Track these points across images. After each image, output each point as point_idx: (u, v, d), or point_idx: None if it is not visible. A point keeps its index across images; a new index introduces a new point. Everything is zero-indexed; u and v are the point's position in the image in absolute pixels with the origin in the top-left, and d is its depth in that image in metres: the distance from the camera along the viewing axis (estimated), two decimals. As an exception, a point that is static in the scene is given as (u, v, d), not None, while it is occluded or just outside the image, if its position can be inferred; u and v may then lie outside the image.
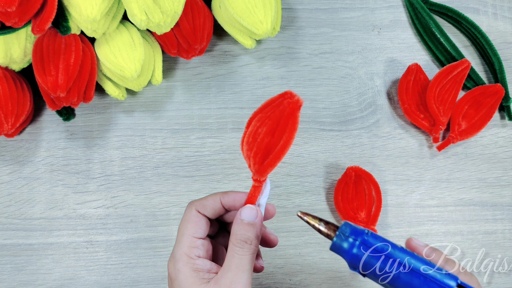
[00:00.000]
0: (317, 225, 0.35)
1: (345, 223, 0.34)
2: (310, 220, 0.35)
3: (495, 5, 0.65)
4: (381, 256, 0.32)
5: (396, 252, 0.32)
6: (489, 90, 0.60)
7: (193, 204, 0.38)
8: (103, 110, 0.60)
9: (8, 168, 0.57)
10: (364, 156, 0.59)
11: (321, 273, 0.56)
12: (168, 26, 0.52)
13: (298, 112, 0.33)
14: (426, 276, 0.31)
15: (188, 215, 0.38)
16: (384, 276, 0.32)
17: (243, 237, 0.36)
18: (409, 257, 0.32)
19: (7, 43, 0.53)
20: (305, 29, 0.63)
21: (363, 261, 0.32)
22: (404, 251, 0.33)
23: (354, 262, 0.33)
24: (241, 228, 0.36)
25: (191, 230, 0.37)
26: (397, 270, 0.32)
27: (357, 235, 0.33)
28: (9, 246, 0.55)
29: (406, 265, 0.32)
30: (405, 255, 0.32)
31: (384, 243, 0.33)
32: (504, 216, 0.59)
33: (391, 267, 0.32)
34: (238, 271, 0.35)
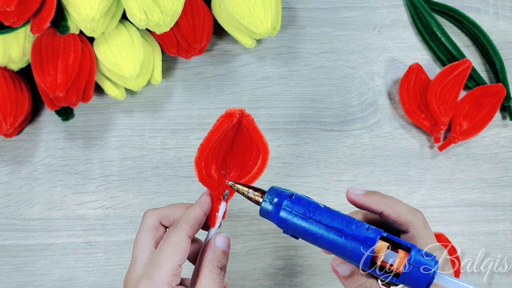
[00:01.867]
0: (246, 192, 0.36)
1: (271, 188, 0.35)
2: (240, 188, 0.36)
3: (496, 4, 0.65)
4: (305, 219, 0.33)
5: (320, 213, 0.33)
6: (491, 90, 0.59)
7: (181, 227, 0.36)
8: (102, 110, 0.59)
9: (6, 168, 0.57)
10: (365, 157, 0.59)
11: (322, 274, 0.56)
12: (167, 25, 0.51)
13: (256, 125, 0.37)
14: (347, 234, 0.32)
15: (175, 239, 0.35)
16: (310, 237, 0.33)
17: (220, 264, 0.36)
18: (332, 217, 0.33)
19: (6, 42, 0.53)
20: (305, 28, 0.63)
21: (289, 223, 0.33)
22: (328, 211, 0.33)
23: (282, 225, 0.34)
24: (217, 255, 0.37)
25: (177, 256, 0.35)
26: (321, 230, 0.32)
27: (281, 199, 0.34)
28: (7, 246, 0.55)
29: (329, 224, 0.32)
30: (328, 216, 0.33)
31: (309, 204, 0.34)
32: (505, 216, 0.58)
33: (315, 229, 0.33)
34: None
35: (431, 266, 0.31)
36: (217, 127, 0.36)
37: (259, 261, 0.56)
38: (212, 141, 0.36)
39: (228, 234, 0.39)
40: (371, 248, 0.31)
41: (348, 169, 0.59)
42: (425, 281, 0.30)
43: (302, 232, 0.33)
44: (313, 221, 0.33)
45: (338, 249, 0.32)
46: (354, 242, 0.32)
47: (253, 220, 0.57)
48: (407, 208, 0.37)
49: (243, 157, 0.39)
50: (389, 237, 0.32)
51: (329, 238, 0.32)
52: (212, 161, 0.39)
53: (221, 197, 0.38)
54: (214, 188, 0.38)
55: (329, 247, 0.33)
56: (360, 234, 0.32)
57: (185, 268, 0.38)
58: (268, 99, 0.60)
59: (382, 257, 0.31)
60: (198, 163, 0.37)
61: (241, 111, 0.37)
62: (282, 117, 0.60)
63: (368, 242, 0.31)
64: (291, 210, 0.33)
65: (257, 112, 0.60)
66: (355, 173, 0.58)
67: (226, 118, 0.36)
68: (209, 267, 0.36)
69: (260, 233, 0.56)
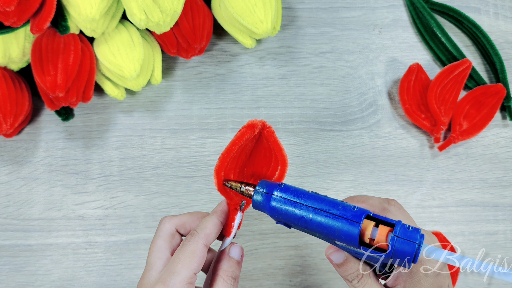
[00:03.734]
0: (239, 188, 0.37)
1: (261, 181, 0.37)
2: (233, 184, 0.37)
3: (496, 4, 0.65)
4: (294, 204, 0.34)
5: (309, 198, 0.35)
6: (491, 90, 0.59)
7: (198, 236, 0.36)
8: (102, 110, 0.59)
9: (6, 168, 0.57)
10: (365, 157, 0.59)
11: (322, 274, 0.56)
12: (167, 25, 0.51)
13: (277, 137, 0.38)
14: (335, 214, 0.33)
15: (193, 247, 0.36)
16: (301, 221, 0.34)
17: (234, 274, 0.37)
18: (320, 200, 0.34)
19: (6, 42, 0.53)
20: (305, 28, 0.63)
21: (280, 211, 0.35)
22: (316, 196, 0.35)
23: (274, 213, 0.35)
24: (231, 265, 0.37)
25: (194, 264, 0.35)
26: (310, 212, 0.34)
27: (271, 189, 0.35)
28: (7, 246, 0.55)
29: (317, 207, 0.34)
30: (316, 200, 0.34)
31: (298, 191, 0.35)
32: (505, 216, 0.58)
33: (304, 212, 0.34)
34: None
35: (416, 238, 0.31)
36: (239, 137, 0.37)
37: (259, 261, 0.56)
38: (233, 151, 0.37)
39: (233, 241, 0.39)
40: (359, 224, 0.32)
41: (348, 169, 0.59)
42: (411, 253, 0.31)
43: (293, 218, 0.34)
44: (302, 205, 0.34)
45: (327, 229, 0.33)
46: (342, 221, 0.33)
47: (253, 220, 0.57)
48: (379, 199, 0.39)
49: (261, 168, 0.40)
50: (374, 216, 0.33)
51: (318, 220, 0.34)
52: (230, 171, 0.39)
53: (237, 207, 0.39)
54: (231, 198, 0.38)
55: (318, 229, 0.34)
56: (347, 213, 0.33)
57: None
58: (268, 99, 0.60)
59: (368, 234, 0.32)
60: (218, 173, 0.37)
61: (262, 122, 0.37)
62: (282, 117, 0.60)
63: (355, 219, 0.33)
64: (280, 198, 0.35)
65: (257, 112, 0.60)
66: (355, 173, 0.58)
67: (248, 129, 0.36)
68: (223, 277, 0.36)
69: (259, 233, 0.56)
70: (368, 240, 0.33)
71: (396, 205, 0.38)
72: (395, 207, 0.38)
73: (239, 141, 0.36)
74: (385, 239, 0.32)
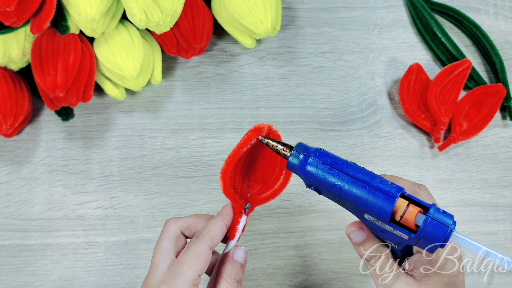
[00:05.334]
0: (275, 146, 0.37)
1: (299, 143, 0.36)
2: (269, 142, 0.37)
3: (496, 4, 0.65)
4: (331, 170, 0.34)
5: (347, 166, 0.34)
6: (491, 90, 0.59)
7: (203, 238, 0.37)
8: (102, 110, 0.59)
9: (6, 168, 0.57)
10: (365, 157, 0.59)
11: (322, 274, 0.56)
12: (167, 25, 0.51)
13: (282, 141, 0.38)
14: (372, 185, 0.33)
15: (198, 249, 0.36)
16: (334, 188, 0.33)
17: (237, 277, 0.37)
18: (358, 170, 0.34)
19: (6, 42, 0.53)
20: (305, 28, 0.63)
21: (316, 175, 0.34)
22: (353, 165, 0.34)
23: (308, 177, 0.35)
24: (235, 268, 0.37)
25: (198, 266, 0.35)
26: (346, 180, 0.33)
27: (309, 152, 0.35)
28: (7, 246, 0.55)
29: (355, 176, 0.33)
30: (354, 168, 0.34)
31: (336, 158, 0.35)
32: (505, 216, 0.58)
33: (340, 179, 0.33)
34: None
35: (449, 223, 0.31)
36: (246, 140, 0.37)
37: (259, 261, 0.56)
38: (240, 154, 0.37)
39: None
40: (394, 200, 0.32)
41: (348, 169, 0.59)
42: (442, 237, 0.31)
43: (327, 184, 0.34)
44: (340, 172, 0.33)
45: (361, 200, 0.33)
46: (378, 194, 0.32)
47: (252, 220, 0.57)
48: (410, 182, 0.38)
49: (266, 172, 0.40)
50: (409, 196, 0.33)
51: (353, 189, 0.33)
52: (236, 174, 0.39)
53: (242, 210, 0.39)
54: (236, 201, 0.39)
55: (351, 199, 0.33)
56: (384, 187, 0.32)
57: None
58: (268, 99, 0.60)
59: (401, 211, 0.32)
60: (224, 175, 0.37)
61: (269, 126, 0.38)
62: (282, 117, 0.60)
63: (391, 194, 0.32)
64: (318, 162, 0.34)
65: (257, 112, 0.60)
66: (355, 173, 0.58)
67: (255, 132, 0.37)
68: (227, 280, 0.36)
69: (259, 233, 0.56)
70: (398, 218, 0.32)
71: (426, 191, 0.38)
72: (425, 192, 0.38)
73: (246, 144, 0.37)
74: (415, 219, 0.31)
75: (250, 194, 0.40)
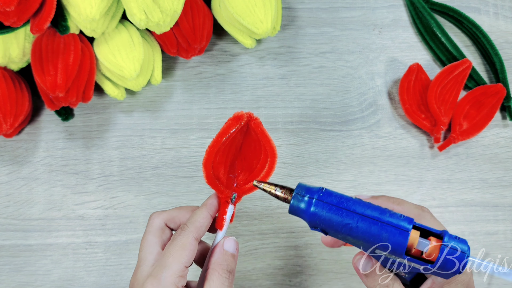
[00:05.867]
0: (273, 191, 0.35)
1: (299, 184, 0.34)
2: (266, 187, 0.35)
3: (496, 4, 0.65)
4: (339, 210, 0.32)
5: (354, 203, 0.33)
6: (491, 90, 0.59)
7: (188, 229, 0.36)
8: (102, 110, 0.59)
9: (6, 168, 0.57)
10: (365, 157, 0.59)
11: (322, 274, 0.56)
12: (167, 25, 0.51)
13: (264, 129, 0.38)
14: (383, 221, 0.32)
15: (183, 241, 0.36)
16: (344, 228, 0.32)
17: (229, 268, 0.36)
18: (366, 207, 0.33)
19: (6, 42, 0.53)
20: (305, 28, 0.63)
21: (323, 216, 0.33)
22: (361, 202, 0.33)
23: (314, 219, 0.33)
24: (226, 258, 0.37)
25: (184, 258, 0.35)
26: (356, 219, 0.32)
27: (312, 193, 0.33)
28: (7, 246, 0.55)
29: (364, 213, 0.32)
30: (362, 206, 0.33)
31: (341, 196, 0.33)
32: (505, 216, 0.58)
33: (349, 219, 0.32)
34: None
35: (465, 250, 0.31)
36: (225, 129, 0.37)
37: (259, 261, 0.56)
38: (220, 143, 0.37)
39: (227, 235, 0.39)
40: (408, 233, 0.31)
41: (348, 169, 0.59)
42: (459, 264, 0.31)
43: (336, 224, 0.32)
44: (348, 211, 0.32)
45: (374, 237, 0.32)
46: (390, 229, 0.31)
47: (252, 220, 0.57)
48: (413, 205, 0.38)
49: (252, 161, 0.40)
50: (419, 226, 0.32)
51: (365, 228, 0.32)
52: (220, 164, 0.39)
53: (229, 200, 0.39)
54: (221, 191, 0.39)
55: (363, 236, 0.32)
56: (396, 221, 0.32)
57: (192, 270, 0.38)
58: (268, 99, 0.60)
59: (415, 243, 0.31)
60: (206, 165, 0.37)
61: (249, 114, 0.37)
62: (282, 117, 0.60)
63: (404, 228, 0.31)
64: (323, 203, 0.33)
65: (257, 112, 0.60)
66: (355, 173, 0.58)
67: (234, 121, 0.37)
68: (218, 270, 0.36)
69: (259, 233, 0.56)
70: (413, 250, 0.31)
71: (430, 213, 0.37)
72: (429, 215, 0.37)
73: (225, 133, 0.37)
74: (434, 250, 0.31)
75: (236, 184, 0.40)
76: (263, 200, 0.57)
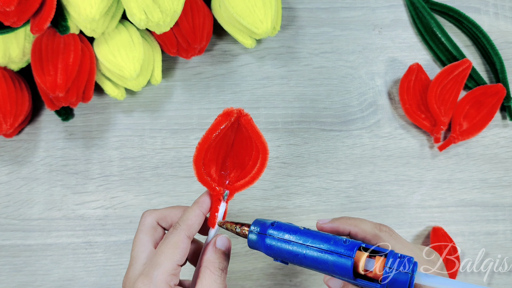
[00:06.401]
0: (234, 229, 0.38)
1: (255, 220, 0.37)
2: (228, 227, 0.38)
3: (496, 4, 0.65)
4: (288, 243, 0.35)
5: (301, 235, 0.35)
6: (491, 90, 0.59)
7: (180, 227, 0.36)
8: (102, 110, 0.59)
9: (6, 168, 0.57)
10: (365, 157, 0.59)
11: (322, 274, 0.56)
12: (167, 25, 0.51)
13: (255, 125, 0.38)
14: (327, 250, 0.34)
15: (175, 239, 0.36)
16: (296, 258, 0.35)
17: (221, 265, 0.37)
18: (312, 237, 0.35)
19: (6, 42, 0.53)
20: (305, 28, 0.63)
21: (275, 249, 0.36)
22: (307, 232, 0.36)
23: (270, 252, 0.36)
24: (218, 256, 0.37)
25: (176, 256, 0.35)
26: (303, 249, 0.35)
27: (265, 228, 0.36)
28: (7, 246, 0.55)
29: (310, 244, 0.35)
30: (307, 236, 0.35)
31: (290, 228, 0.36)
32: (505, 216, 0.58)
33: (298, 250, 0.35)
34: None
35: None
36: (215, 125, 0.37)
37: (259, 261, 0.56)
38: (210, 139, 0.37)
39: (227, 235, 0.39)
40: (351, 258, 0.33)
41: (348, 169, 0.59)
42: (405, 282, 0.32)
43: (287, 255, 0.35)
44: (295, 243, 0.35)
45: (322, 265, 0.34)
46: (334, 256, 0.34)
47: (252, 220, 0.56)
48: (371, 223, 0.39)
49: (244, 158, 0.39)
50: (367, 247, 0.34)
51: (312, 256, 0.35)
52: (212, 162, 0.39)
53: (221, 197, 0.38)
54: (213, 189, 0.38)
55: (313, 265, 0.35)
56: (339, 248, 0.34)
57: (186, 269, 0.38)
58: (268, 99, 0.60)
59: (362, 265, 0.33)
60: (196, 162, 0.37)
61: (239, 110, 0.37)
62: (282, 117, 0.60)
63: (347, 253, 0.33)
64: (274, 236, 0.36)
65: (257, 112, 0.60)
66: (355, 173, 0.58)
67: (224, 117, 0.37)
68: (210, 268, 0.36)
69: (260, 233, 0.56)
70: (363, 271, 0.33)
71: (388, 231, 0.38)
72: (387, 233, 0.38)
73: (215, 130, 0.36)
74: (380, 269, 0.33)
75: (228, 181, 0.39)
76: (263, 200, 0.57)
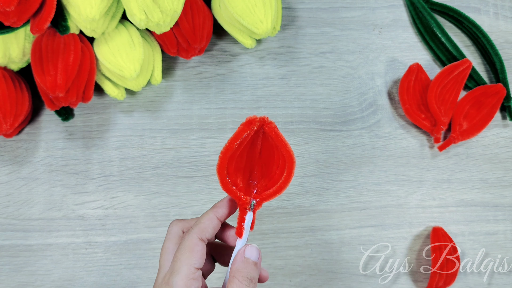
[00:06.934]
0: None
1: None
2: None
3: (496, 4, 0.65)
4: None
5: None
6: (491, 90, 0.59)
7: (192, 231, 0.37)
8: (102, 110, 0.59)
9: (6, 168, 0.57)
10: (365, 157, 0.59)
11: (322, 274, 0.56)
12: (167, 25, 0.51)
13: (280, 133, 0.37)
14: None
15: (188, 243, 0.36)
16: None
17: (249, 275, 0.36)
18: None
19: (6, 42, 0.53)
20: (305, 28, 0.63)
21: None
22: None
23: None
24: (247, 266, 0.37)
25: (192, 260, 0.35)
26: None
27: None
28: (7, 247, 0.55)
29: None
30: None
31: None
32: (505, 216, 0.58)
33: None
34: None
35: None
36: (237, 134, 0.36)
37: (259, 261, 0.56)
38: (232, 148, 0.36)
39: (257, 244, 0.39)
40: None
41: (348, 169, 0.59)
42: None
43: None
44: None
45: None
46: None
47: (253, 220, 0.57)
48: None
49: (271, 167, 0.39)
50: None
51: None
52: (238, 171, 0.38)
53: (247, 207, 0.38)
54: (238, 198, 0.38)
55: None
56: None
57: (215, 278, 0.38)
58: (268, 99, 0.60)
59: None
60: (220, 171, 0.37)
61: (262, 118, 0.36)
62: (282, 117, 0.60)
63: None
64: None
65: (257, 112, 0.60)
66: (355, 173, 0.58)
67: (246, 126, 0.36)
68: (238, 278, 0.36)
69: (260, 233, 0.56)
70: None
71: None
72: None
73: (237, 138, 0.36)
74: None
75: (256, 190, 0.39)
76: (263, 200, 0.57)
